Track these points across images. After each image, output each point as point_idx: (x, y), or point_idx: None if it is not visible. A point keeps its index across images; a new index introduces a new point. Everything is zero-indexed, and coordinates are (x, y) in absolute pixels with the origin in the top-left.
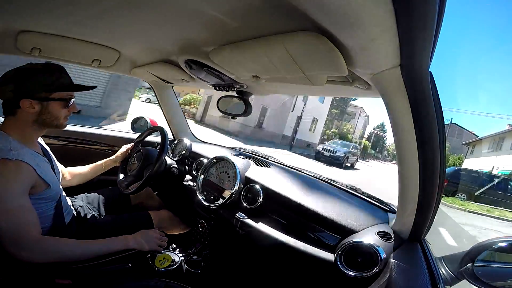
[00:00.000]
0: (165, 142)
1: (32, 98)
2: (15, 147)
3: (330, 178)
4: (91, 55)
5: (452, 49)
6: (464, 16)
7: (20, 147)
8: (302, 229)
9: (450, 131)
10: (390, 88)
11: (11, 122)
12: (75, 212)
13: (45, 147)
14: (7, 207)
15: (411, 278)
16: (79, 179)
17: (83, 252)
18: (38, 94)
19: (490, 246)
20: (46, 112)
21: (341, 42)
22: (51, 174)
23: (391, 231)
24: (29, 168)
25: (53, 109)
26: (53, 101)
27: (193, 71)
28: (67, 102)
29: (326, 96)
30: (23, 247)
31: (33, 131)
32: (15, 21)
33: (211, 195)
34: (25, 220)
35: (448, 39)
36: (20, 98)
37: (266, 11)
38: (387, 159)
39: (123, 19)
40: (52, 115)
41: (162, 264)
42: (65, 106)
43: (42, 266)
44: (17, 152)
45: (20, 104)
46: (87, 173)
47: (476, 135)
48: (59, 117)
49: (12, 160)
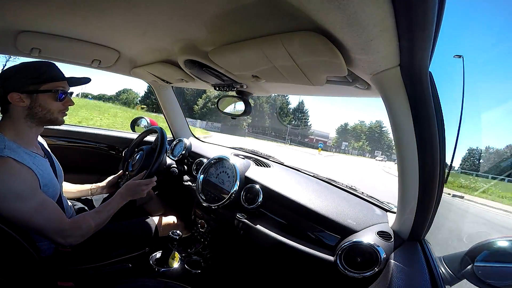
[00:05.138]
0: (164, 142)
1: (20, 92)
2: (10, 147)
3: (330, 178)
4: (91, 55)
5: (452, 49)
6: (464, 16)
7: (15, 147)
8: (302, 229)
9: None
10: (390, 88)
11: (6, 121)
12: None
13: (46, 148)
14: (40, 202)
15: (411, 277)
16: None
17: (104, 218)
18: (26, 87)
19: (490, 246)
20: (37, 105)
21: (341, 42)
22: (49, 175)
23: (391, 231)
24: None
25: (44, 102)
26: (43, 94)
27: (193, 71)
28: (56, 93)
29: (326, 96)
30: (67, 233)
31: (27, 128)
32: (15, 21)
33: (211, 195)
34: (56, 209)
35: (448, 39)
36: (9, 92)
37: (265, 11)
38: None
39: (123, 19)
40: (44, 108)
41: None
42: (56, 98)
43: (44, 268)
44: (11, 151)
45: (9, 98)
46: (72, 192)
47: None
48: (51, 111)
49: (5, 157)
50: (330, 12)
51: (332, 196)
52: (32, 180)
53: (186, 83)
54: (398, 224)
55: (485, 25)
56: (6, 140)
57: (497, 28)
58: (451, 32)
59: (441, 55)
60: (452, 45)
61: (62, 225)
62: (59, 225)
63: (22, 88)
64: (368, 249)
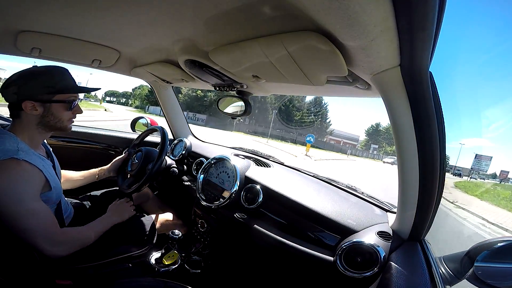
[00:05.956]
0: (165, 141)
1: (34, 100)
2: (23, 148)
3: (330, 178)
4: (91, 55)
5: (452, 49)
6: (464, 16)
7: (27, 149)
8: (302, 229)
9: None
10: (390, 88)
11: (17, 124)
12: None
13: (49, 149)
14: (32, 207)
15: (411, 278)
16: (71, 185)
17: (94, 234)
18: (40, 96)
19: (490, 246)
20: (49, 114)
21: (341, 42)
22: (54, 177)
23: (391, 231)
24: (37, 170)
25: (56, 111)
26: (56, 103)
27: (193, 71)
28: (69, 104)
29: (326, 96)
30: (56, 242)
31: (38, 134)
32: (15, 21)
33: (211, 195)
34: (49, 216)
35: (449, 39)
36: (23, 100)
37: (265, 11)
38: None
39: (123, 19)
40: (56, 117)
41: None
42: (68, 108)
43: (43, 267)
44: (25, 153)
45: (22, 106)
46: (79, 179)
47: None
48: (62, 120)
49: (20, 160)
50: (330, 12)
51: (332, 196)
52: (39, 182)
53: (186, 83)
54: (398, 224)
55: (485, 25)
56: (19, 142)
57: (497, 28)
58: (452, 32)
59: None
60: (453, 45)
61: (53, 233)
62: (50, 230)
63: (36, 97)
64: (368, 249)
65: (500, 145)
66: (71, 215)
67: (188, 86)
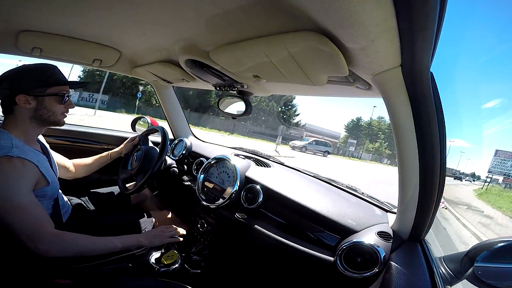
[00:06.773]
0: (166, 141)
1: (27, 94)
2: (17, 145)
3: (330, 178)
4: (92, 55)
5: (453, 50)
6: (465, 16)
7: (21, 145)
8: (302, 229)
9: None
10: (391, 89)
11: (11, 120)
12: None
13: (44, 145)
14: (17, 204)
15: (411, 278)
16: (86, 171)
17: (99, 248)
18: (33, 90)
19: (490, 246)
20: (43, 107)
21: (342, 42)
22: (51, 172)
23: (391, 231)
24: (32, 165)
25: (49, 105)
26: (49, 96)
27: (193, 71)
28: (62, 97)
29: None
30: (40, 240)
31: (32, 129)
32: (16, 21)
33: (211, 195)
34: (37, 215)
35: (449, 39)
36: (16, 94)
37: (266, 11)
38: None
39: (124, 19)
40: (49, 111)
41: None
42: (61, 101)
43: (42, 266)
44: (19, 150)
45: (16, 100)
46: (93, 164)
47: None
48: (55, 113)
49: (15, 157)
50: (331, 12)
51: (332, 196)
52: (33, 177)
53: (186, 83)
54: (398, 224)
55: (485, 25)
56: (13, 138)
57: (498, 28)
58: (452, 32)
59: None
60: (453, 45)
61: (40, 231)
62: (36, 227)
63: (29, 91)
64: (368, 249)
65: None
66: (68, 211)
67: (188, 86)
